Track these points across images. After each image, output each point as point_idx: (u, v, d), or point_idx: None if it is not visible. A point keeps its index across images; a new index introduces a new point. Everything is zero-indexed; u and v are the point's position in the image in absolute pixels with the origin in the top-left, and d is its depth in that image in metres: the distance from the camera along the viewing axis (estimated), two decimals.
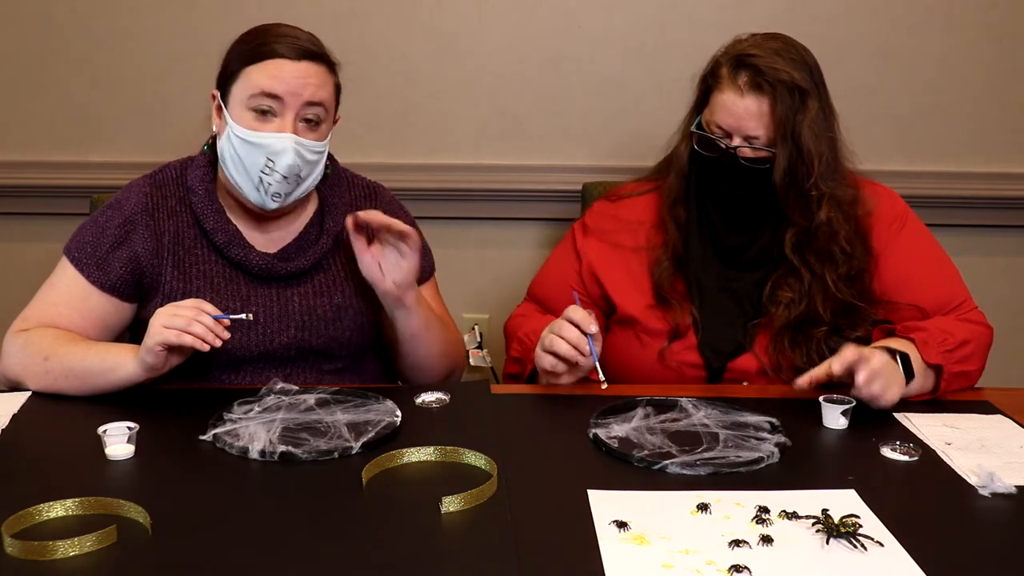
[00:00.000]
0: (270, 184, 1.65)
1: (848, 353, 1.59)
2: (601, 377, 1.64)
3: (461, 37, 2.48)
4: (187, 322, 1.49)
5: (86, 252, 1.70)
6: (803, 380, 1.60)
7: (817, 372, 1.59)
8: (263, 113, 1.63)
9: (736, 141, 1.76)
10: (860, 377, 1.56)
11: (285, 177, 1.65)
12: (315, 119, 1.67)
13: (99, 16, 2.45)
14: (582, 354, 1.64)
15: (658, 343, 1.82)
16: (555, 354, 1.66)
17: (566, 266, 1.96)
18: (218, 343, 1.51)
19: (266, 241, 1.76)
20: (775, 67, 1.73)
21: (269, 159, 1.63)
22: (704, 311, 1.83)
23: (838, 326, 1.77)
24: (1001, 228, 2.63)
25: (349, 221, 1.69)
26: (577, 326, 1.64)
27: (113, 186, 2.20)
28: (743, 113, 1.74)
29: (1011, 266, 2.66)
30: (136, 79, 2.49)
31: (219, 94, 1.69)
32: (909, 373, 1.63)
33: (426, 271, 1.93)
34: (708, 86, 1.81)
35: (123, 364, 1.56)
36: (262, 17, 2.43)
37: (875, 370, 1.57)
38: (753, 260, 1.85)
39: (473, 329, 2.63)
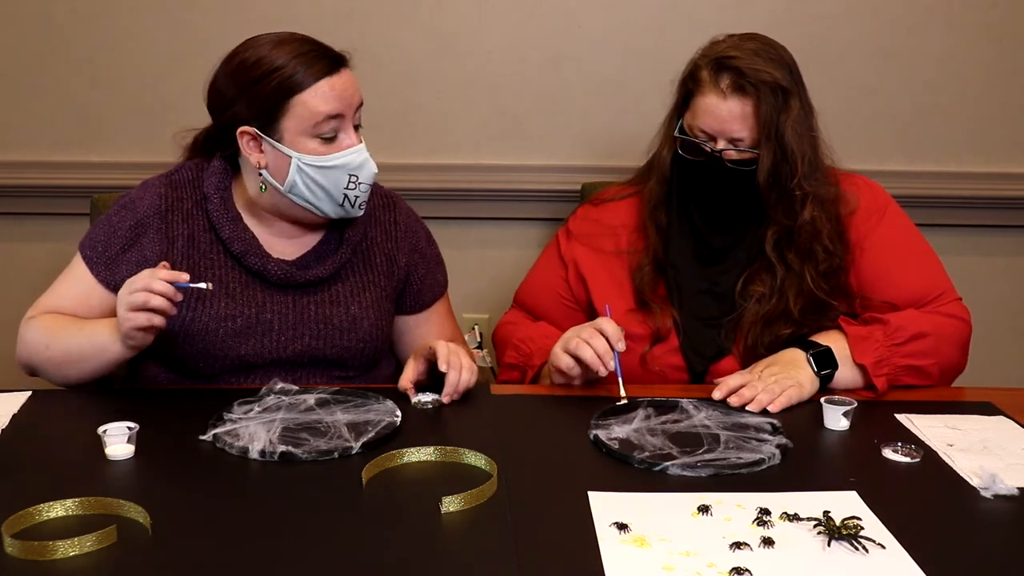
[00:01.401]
0: (356, 196, 1.68)
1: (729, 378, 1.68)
2: (623, 392, 1.63)
3: (461, 37, 2.48)
4: (145, 298, 1.49)
5: (96, 251, 1.72)
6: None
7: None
8: (328, 138, 1.64)
9: (720, 144, 1.75)
10: (717, 395, 1.65)
11: (369, 185, 1.69)
12: (359, 122, 1.70)
13: (99, 16, 2.45)
14: (604, 366, 1.63)
15: (639, 347, 1.81)
16: (577, 358, 1.66)
17: (552, 273, 1.96)
18: (174, 311, 1.53)
19: (284, 249, 1.75)
20: (756, 68, 1.72)
21: (352, 175, 1.65)
22: (684, 314, 1.83)
23: (803, 323, 1.77)
24: (1001, 228, 2.63)
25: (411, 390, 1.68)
26: (607, 339, 1.64)
27: (113, 186, 2.21)
28: (726, 116, 1.73)
29: (1011, 266, 2.66)
30: (136, 79, 2.49)
31: (256, 130, 1.63)
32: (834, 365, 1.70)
33: (440, 286, 1.93)
34: (688, 90, 1.80)
35: (108, 346, 1.60)
36: (262, 17, 2.45)
37: (732, 385, 1.65)
38: (736, 261, 1.85)
39: (473, 329, 2.62)
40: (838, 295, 1.80)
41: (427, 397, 1.63)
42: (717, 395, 1.65)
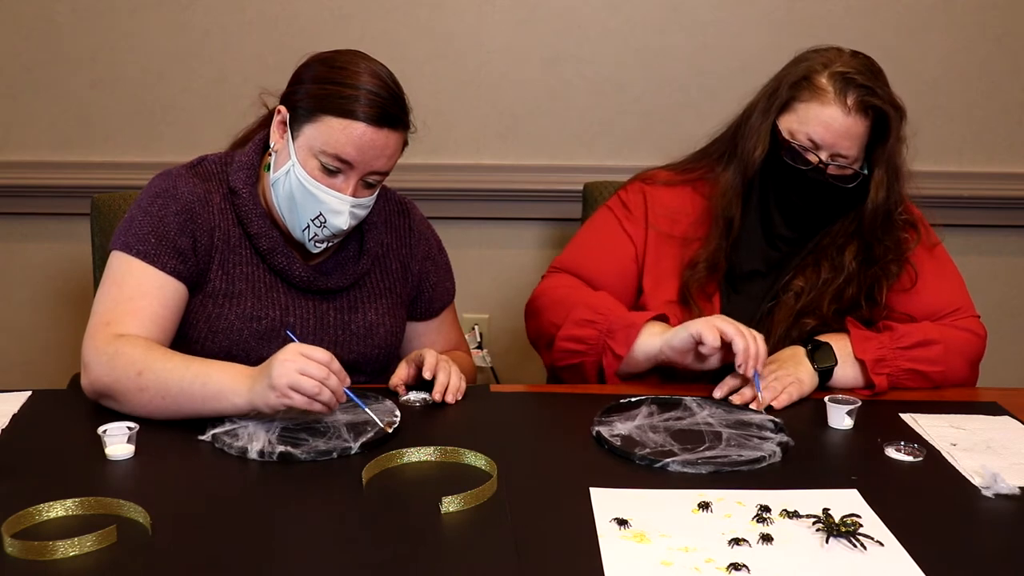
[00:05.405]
0: (316, 234, 1.64)
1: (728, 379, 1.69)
2: (764, 407, 1.61)
3: (461, 37, 2.48)
4: (318, 389, 1.39)
5: (150, 243, 1.60)
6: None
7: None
8: (329, 169, 1.60)
9: (823, 156, 1.74)
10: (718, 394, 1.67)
11: (333, 235, 1.65)
12: (376, 182, 1.65)
13: (99, 16, 2.45)
14: (749, 366, 1.59)
15: None
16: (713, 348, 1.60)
17: (618, 247, 1.88)
18: (331, 411, 1.45)
19: (304, 252, 1.72)
20: (881, 90, 1.73)
21: (323, 215, 1.61)
22: (730, 314, 1.80)
23: (829, 321, 1.78)
24: (1001, 228, 2.63)
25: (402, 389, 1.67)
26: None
27: (113, 186, 2.21)
28: (844, 131, 1.71)
29: (1011, 266, 2.66)
30: (136, 79, 2.49)
31: (288, 116, 1.63)
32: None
33: (449, 294, 1.92)
34: (793, 95, 1.76)
35: (228, 395, 1.45)
36: (262, 17, 2.45)
37: (733, 384, 1.66)
38: (795, 268, 1.85)
39: (473, 329, 2.62)
40: (870, 305, 1.81)
41: (417, 396, 1.63)
42: (718, 394, 1.65)
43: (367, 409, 1.48)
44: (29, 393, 1.61)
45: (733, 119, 1.88)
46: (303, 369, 1.39)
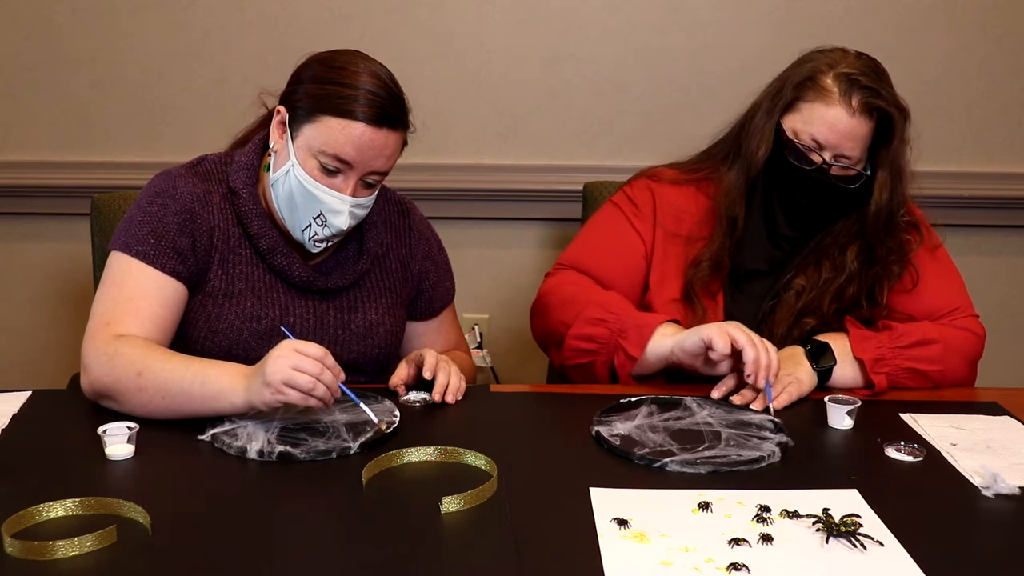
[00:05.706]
0: (316, 234, 1.64)
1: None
2: (773, 415, 1.59)
3: (461, 37, 2.48)
4: (312, 387, 1.40)
5: (149, 243, 1.60)
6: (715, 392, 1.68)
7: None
8: (329, 169, 1.59)
9: (827, 156, 1.74)
10: (716, 394, 1.67)
11: (333, 234, 1.64)
12: (375, 182, 1.65)
13: (99, 16, 2.45)
14: (759, 377, 1.58)
15: None
16: (723, 356, 1.60)
17: (628, 246, 1.88)
18: (327, 405, 1.45)
19: (303, 252, 1.72)
20: (886, 93, 1.73)
21: (323, 215, 1.61)
22: (734, 316, 1.79)
23: (830, 321, 1.79)
24: (1001, 228, 2.63)
25: (402, 389, 1.67)
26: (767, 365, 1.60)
27: (113, 186, 2.21)
28: (848, 132, 1.71)
29: (1011, 266, 2.66)
30: (136, 79, 2.49)
31: (287, 116, 1.63)
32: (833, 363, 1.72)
33: (449, 294, 1.92)
34: (798, 95, 1.76)
35: (226, 395, 1.45)
36: (262, 16, 2.45)
37: (731, 385, 1.67)
38: (797, 266, 1.85)
39: (473, 329, 2.62)
40: (871, 304, 1.81)
41: (417, 395, 1.63)
42: (716, 395, 1.65)
43: (363, 405, 1.48)
44: (29, 393, 1.61)
45: (736, 119, 1.88)
46: (297, 365, 1.39)
